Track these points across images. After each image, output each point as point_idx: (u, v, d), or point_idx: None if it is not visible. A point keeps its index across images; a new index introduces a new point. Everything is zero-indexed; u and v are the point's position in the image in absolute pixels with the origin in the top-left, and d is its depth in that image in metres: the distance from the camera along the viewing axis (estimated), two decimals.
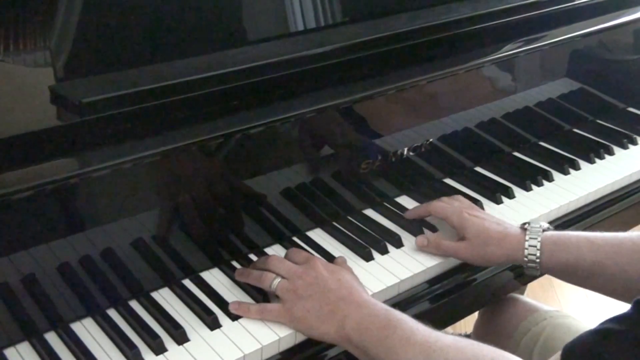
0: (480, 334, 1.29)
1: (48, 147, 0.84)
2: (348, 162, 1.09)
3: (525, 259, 1.00)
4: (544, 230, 1.01)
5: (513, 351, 1.16)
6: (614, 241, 0.98)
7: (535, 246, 0.99)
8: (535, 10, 1.25)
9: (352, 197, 1.13)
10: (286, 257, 0.99)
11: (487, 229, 1.03)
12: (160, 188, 0.92)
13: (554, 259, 0.99)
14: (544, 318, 1.18)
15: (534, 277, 1.07)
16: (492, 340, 1.19)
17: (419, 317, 0.90)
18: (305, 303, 0.90)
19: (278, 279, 0.93)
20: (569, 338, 1.13)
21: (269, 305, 0.93)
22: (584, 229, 1.22)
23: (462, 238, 1.05)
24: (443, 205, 1.09)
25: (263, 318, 0.92)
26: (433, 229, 1.11)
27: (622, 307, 0.73)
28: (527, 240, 1.00)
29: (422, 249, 1.07)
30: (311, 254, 1.04)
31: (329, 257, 1.04)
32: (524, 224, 1.03)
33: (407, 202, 1.18)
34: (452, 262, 1.07)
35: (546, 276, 1.05)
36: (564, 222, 1.21)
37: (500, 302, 1.25)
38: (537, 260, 0.99)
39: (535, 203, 1.21)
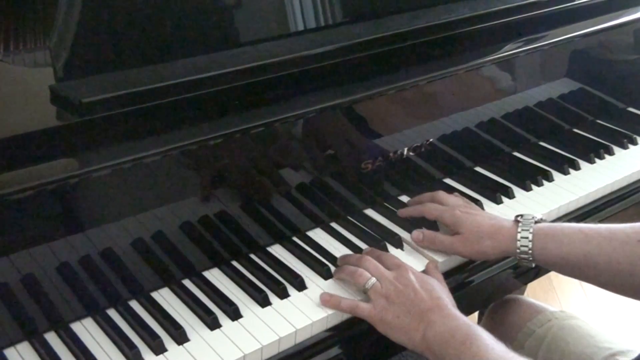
0: None
1: (48, 147, 0.84)
2: (348, 162, 1.09)
3: (518, 250, 1.00)
4: (536, 222, 1.01)
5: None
6: (605, 233, 0.98)
7: (527, 237, 1.00)
8: (535, 10, 1.25)
9: (352, 197, 1.13)
10: (377, 259, 0.99)
11: (480, 224, 1.03)
12: (160, 187, 0.92)
13: (545, 251, 0.99)
14: (549, 319, 1.18)
15: (534, 275, 1.06)
16: None
17: None
18: (396, 309, 0.92)
19: (373, 280, 0.95)
20: (575, 340, 1.13)
21: (361, 304, 0.94)
22: None
23: (456, 234, 1.05)
24: (435, 207, 1.09)
25: (353, 314, 0.95)
26: (434, 226, 1.11)
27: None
28: (520, 232, 1.00)
29: (418, 243, 1.07)
30: (311, 254, 1.04)
31: (330, 257, 1.04)
32: (517, 216, 1.03)
33: (407, 202, 1.18)
34: (452, 262, 1.07)
35: (546, 276, 1.05)
36: (564, 222, 1.21)
37: (504, 303, 1.25)
38: (529, 251, 1.00)
39: (535, 203, 1.21)
